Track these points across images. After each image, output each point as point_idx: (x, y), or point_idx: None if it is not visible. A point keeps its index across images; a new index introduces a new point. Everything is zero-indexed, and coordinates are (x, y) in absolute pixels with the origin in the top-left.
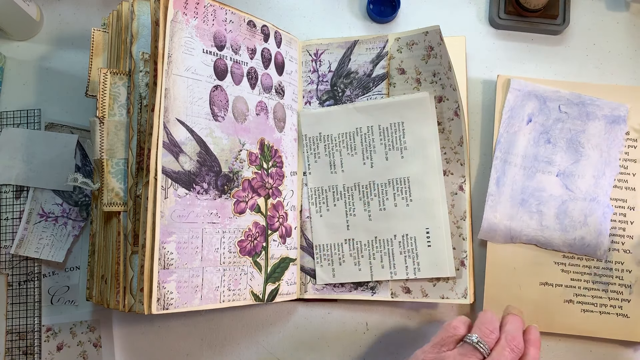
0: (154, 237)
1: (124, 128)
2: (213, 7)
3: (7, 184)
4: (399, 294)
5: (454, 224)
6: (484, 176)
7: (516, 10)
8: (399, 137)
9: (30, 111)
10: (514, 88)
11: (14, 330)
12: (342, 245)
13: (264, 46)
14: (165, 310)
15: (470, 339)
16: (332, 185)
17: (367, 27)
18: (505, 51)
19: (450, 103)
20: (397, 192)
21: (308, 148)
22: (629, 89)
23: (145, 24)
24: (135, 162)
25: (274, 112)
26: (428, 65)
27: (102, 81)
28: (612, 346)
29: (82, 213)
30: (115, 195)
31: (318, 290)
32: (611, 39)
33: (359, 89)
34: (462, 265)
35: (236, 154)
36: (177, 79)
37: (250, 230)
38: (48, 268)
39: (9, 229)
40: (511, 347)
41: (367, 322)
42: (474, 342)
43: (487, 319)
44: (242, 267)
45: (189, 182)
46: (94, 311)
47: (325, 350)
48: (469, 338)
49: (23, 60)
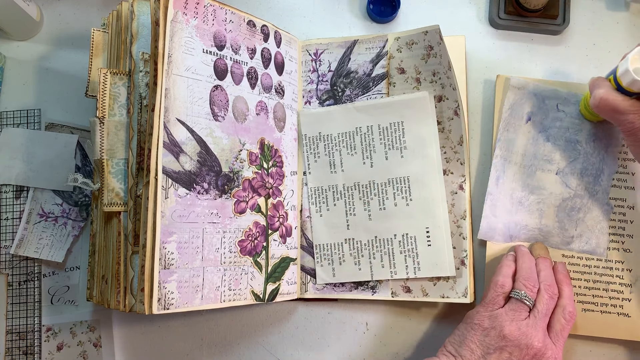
0: (154, 237)
1: (124, 128)
2: (213, 7)
3: (7, 184)
4: (399, 293)
5: (454, 223)
6: (484, 175)
7: (516, 10)
8: (398, 136)
9: (30, 111)
10: (514, 86)
11: (14, 330)
12: (342, 245)
13: (263, 46)
14: (166, 310)
15: (518, 295)
16: (332, 185)
17: (367, 27)
18: (505, 51)
19: (450, 102)
20: (397, 192)
21: (308, 148)
22: None
23: (145, 24)
24: (136, 162)
25: (274, 112)
26: (428, 65)
27: (102, 81)
28: (613, 346)
29: (82, 213)
30: (116, 195)
31: (318, 289)
32: (611, 39)
33: (359, 88)
34: (462, 264)
35: (236, 154)
36: (177, 79)
37: (251, 230)
38: (48, 268)
39: (9, 229)
40: (549, 295)
41: (367, 322)
42: (521, 297)
43: (527, 272)
44: (242, 267)
45: (189, 182)
46: (94, 311)
47: (325, 350)
48: (516, 294)
49: (23, 60)
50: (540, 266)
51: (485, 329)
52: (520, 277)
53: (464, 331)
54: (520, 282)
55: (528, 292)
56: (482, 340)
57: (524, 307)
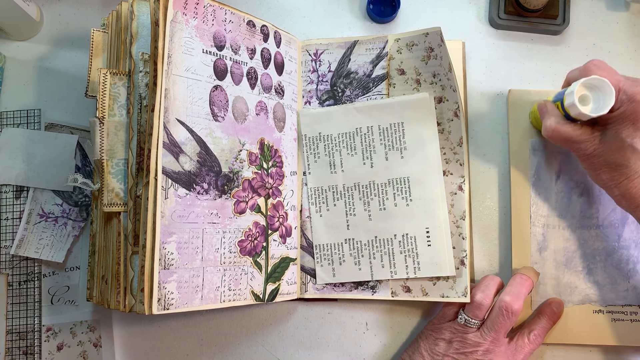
0: (154, 237)
1: (124, 128)
2: (213, 7)
3: (7, 184)
4: (399, 293)
5: (454, 224)
6: (483, 176)
7: (516, 11)
8: (398, 137)
9: (30, 111)
10: (536, 149)
11: (14, 330)
12: (342, 245)
13: (263, 46)
14: (165, 310)
15: (462, 318)
16: (332, 185)
17: (367, 27)
18: (505, 51)
19: (450, 104)
20: (397, 192)
21: (308, 148)
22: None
23: (145, 24)
24: (135, 163)
25: (274, 112)
26: (428, 66)
27: (102, 81)
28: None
29: (82, 213)
30: (116, 195)
31: (318, 289)
32: (611, 39)
33: (359, 89)
34: (461, 264)
35: (236, 154)
36: (177, 79)
37: (251, 230)
38: (48, 268)
39: (9, 229)
40: (501, 310)
41: (367, 322)
42: (461, 322)
43: (478, 300)
44: (242, 267)
45: (189, 182)
46: (94, 311)
47: (325, 350)
48: (460, 317)
49: (23, 60)
50: (511, 281)
51: (436, 339)
52: (471, 303)
53: (418, 339)
54: (468, 306)
55: (472, 317)
56: (432, 348)
57: (465, 328)
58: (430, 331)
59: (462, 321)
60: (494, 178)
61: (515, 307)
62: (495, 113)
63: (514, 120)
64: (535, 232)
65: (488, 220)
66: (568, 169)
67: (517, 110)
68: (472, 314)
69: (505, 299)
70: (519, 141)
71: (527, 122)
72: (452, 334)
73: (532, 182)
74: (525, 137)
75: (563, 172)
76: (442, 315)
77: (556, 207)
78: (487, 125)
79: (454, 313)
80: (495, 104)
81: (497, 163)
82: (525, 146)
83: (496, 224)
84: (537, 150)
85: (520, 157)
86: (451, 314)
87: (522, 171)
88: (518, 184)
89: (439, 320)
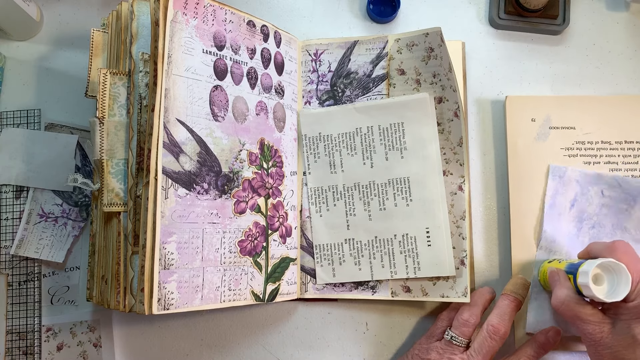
0: (154, 237)
1: (124, 128)
2: (213, 7)
3: (7, 184)
4: (399, 293)
5: (454, 224)
6: (483, 176)
7: (516, 11)
8: (398, 137)
9: (30, 111)
10: (555, 175)
11: (14, 330)
12: (342, 245)
13: (263, 46)
14: (166, 310)
15: (448, 336)
16: (332, 185)
17: (367, 27)
18: (505, 51)
19: (450, 104)
20: (397, 192)
21: (308, 148)
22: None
23: (145, 24)
24: (135, 163)
25: (274, 112)
26: (428, 67)
27: (102, 81)
28: None
29: (82, 213)
30: (116, 195)
31: (318, 290)
32: (611, 39)
33: (359, 89)
34: (461, 264)
35: (236, 154)
36: (177, 79)
37: (251, 230)
38: (48, 268)
39: (9, 229)
40: (489, 333)
41: (367, 322)
42: (451, 338)
43: (464, 317)
44: (242, 267)
45: (189, 182)
46: (94, 311)
47: (325, 350)
48: (447, 334)
49: (23, 60)
50: (498, 302)
51: (422, 359)
52: (456, 317)
53: (404, 358)
54: (454, 322)
55: (460, 334)
56: None
57: (455, 346)
58: (417, 351)
59: (448, 337)
60: (494, 178)
61: (502, 330)
62: (495, 113)
63: (512, 125)
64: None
65: (488, 220)
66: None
67: (514, 116)
68: (459, 331)
69: (493, 321)
70: (517, 144)
71: (527, 123)
72: (439, 355)
73: (546, 207)
74: (525, 138)
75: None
76: (429, 334)
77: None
78: (487, 125)
79: (441, 332)
80: (495, 103)
81: (497, 163)
82: (525, 148)
83: (496, 224)
84: (555, 175)
85: (520, 157)
86: (439, 333)
87: (521, 171)
88: (517, 184)
89: (427, 340)
